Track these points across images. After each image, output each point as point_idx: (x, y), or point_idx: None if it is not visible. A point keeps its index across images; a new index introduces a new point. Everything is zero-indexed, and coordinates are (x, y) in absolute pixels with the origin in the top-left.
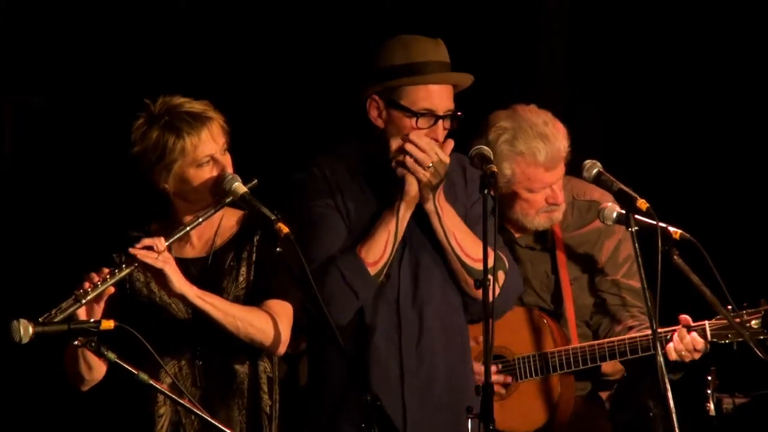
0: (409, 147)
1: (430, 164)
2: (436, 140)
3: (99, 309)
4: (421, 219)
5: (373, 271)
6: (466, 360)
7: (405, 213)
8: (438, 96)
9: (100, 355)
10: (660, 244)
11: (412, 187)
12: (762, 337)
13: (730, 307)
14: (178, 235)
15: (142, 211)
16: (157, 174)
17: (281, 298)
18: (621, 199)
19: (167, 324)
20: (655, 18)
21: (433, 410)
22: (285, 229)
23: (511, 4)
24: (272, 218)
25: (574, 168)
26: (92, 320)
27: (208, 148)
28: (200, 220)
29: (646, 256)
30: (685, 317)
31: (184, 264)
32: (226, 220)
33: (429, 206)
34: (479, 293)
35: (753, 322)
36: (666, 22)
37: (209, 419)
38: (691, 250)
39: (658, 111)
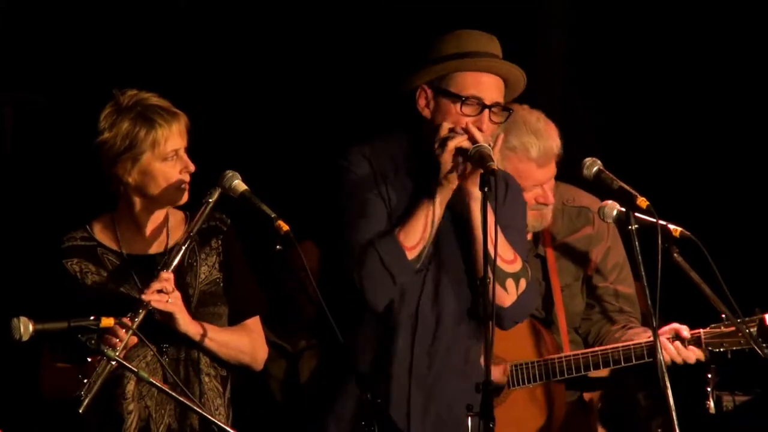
0: (455, 128)
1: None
2: (480, 130)
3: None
4: (454, 219)
5: (410, 255)
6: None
7: (442, 198)
8: (486, 85)
9: (100, 352)
10: (660, 242)
11: (450, 173)
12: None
13: (723, 316)
14: (176, 261)
15: (81, 209)
16: (122, 165)
17: (254, 314)
18: (621, 196)
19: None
20: (654, 16)
21: (436, 416)
22: (285, 227)
23: (511, 3)
24: (272, 216)
25: (572, 168)
26: (92, 317)
27: (175, 143)
28: (194, 230)
29: (644, 256)
30: (677, 329)
31: (142, 261)
32: (173, 220)
33: (475, 192)
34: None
35: (750, 329)
36: (665, 20)
37: (205, 414)
38: (692, 249)
39: (657, 109)
